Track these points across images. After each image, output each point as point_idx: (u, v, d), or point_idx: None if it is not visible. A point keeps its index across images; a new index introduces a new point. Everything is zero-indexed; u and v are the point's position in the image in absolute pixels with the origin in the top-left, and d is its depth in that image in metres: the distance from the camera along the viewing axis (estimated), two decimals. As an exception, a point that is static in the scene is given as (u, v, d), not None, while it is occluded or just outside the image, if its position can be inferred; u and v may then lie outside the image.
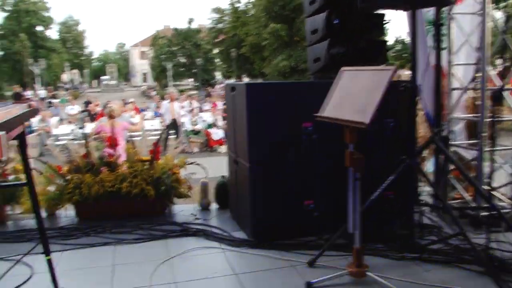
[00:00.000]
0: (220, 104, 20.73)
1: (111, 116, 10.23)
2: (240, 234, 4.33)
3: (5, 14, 55.74)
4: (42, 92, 41.53)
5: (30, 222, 4.98)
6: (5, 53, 54.78)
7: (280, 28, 28.93)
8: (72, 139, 16.30)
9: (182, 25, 60.54)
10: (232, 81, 60.43)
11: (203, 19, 58.24)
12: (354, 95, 3.01)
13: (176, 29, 60.22)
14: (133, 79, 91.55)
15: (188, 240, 4.29)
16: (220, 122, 17.52)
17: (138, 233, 4.43)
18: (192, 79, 68.27)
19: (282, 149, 4.00)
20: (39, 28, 58.65)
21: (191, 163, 5.22)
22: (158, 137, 5.57)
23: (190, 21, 60.06)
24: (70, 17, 72.88)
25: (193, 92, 39.02)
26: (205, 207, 5.26)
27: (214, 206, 5.35)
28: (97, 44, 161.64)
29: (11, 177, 5.03)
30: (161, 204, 4.98)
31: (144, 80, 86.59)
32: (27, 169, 2.72)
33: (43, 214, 5.17)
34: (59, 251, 4.08)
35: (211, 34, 48.54)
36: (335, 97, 3.16)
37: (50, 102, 29.50)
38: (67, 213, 5.13)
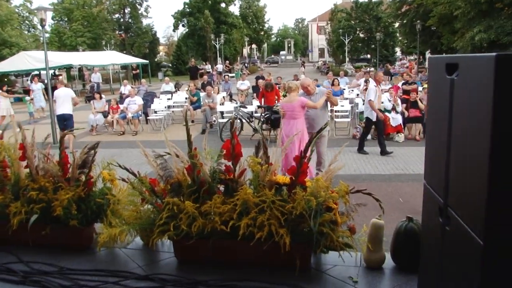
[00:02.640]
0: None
1: (288, 91, 9.11)
2: None
3: (192, -7, 59.29)
4: (219, 66, 42.88)
5: (120, 255, 3.49)
6: (191, 29, 58.45)
7: (479, -7, 24.26)
8: (235, 118, 15.40)
9: (363, -3, 57.47)
10: (413, 58, 55.53)
11: (386, -10, 54.17)
12: None
13: (356, 2, 57.35)
14: (310, 55, 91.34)
15: None
16: (400, 107, 14.87)
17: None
18: (369, 55, 65.03)
19: None
20: (222, 5, 61.07)
21: (359, 191, 3.14)
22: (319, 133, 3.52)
23: (372, -8, 56.63)
24: (252, -8, 74.41)
25: (371, 70, 36.30)
26: (374, 265, 3.18)
27: (389, 263, 3.23)
28: (276, 19, 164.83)
29: (97, 187, 3.59)
30: (301, 256, 3.05)
31: (321, 55, 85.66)
32: None
33: (139, 242, 3.66)
34: None
35: (394, 5, 44.50)
36: None
37: (224, 77, 29.61)
38: (169, 245, 3.53)
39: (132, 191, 3.30)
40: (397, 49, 64.90)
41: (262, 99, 16.10)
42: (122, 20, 57.08)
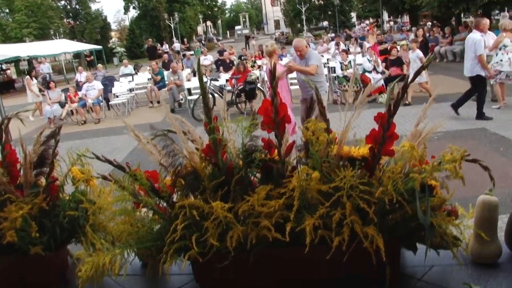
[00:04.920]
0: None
1: (270, 55, 8.71)
2: None
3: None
4: (177, 45, 41.28)
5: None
6: (142, 10, 56.21)
7: None
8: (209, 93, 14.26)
9: (317, -38, 56.59)
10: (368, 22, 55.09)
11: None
12: None
13: (310, -32, 56.45)
14: (266, 27, 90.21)
15: None
16: (380, 67, 14.03)
17: None
18: (326, 22, 64.49)
19: None
20: (173, -18, 58.94)
21: (472, 160, 2.10)
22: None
23: (326, -44, 55.62)
24: (202, -33, 72.19)
25: (332, 35, 35.65)
26: (486, 261, 2.20)
27: (506, 256, 2.26)
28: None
29: (66, 191, 2.46)
30: (390, 260, 2.03)
31: (277, 27, 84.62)
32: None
33: (138, 263, 2.57)
34: None
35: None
36: None
37: (184, 55, 28.21)
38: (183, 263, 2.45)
39: (121, 192, 2.17)
40: (353, 14, 64.57)
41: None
42: (69, 7, 54.18)
